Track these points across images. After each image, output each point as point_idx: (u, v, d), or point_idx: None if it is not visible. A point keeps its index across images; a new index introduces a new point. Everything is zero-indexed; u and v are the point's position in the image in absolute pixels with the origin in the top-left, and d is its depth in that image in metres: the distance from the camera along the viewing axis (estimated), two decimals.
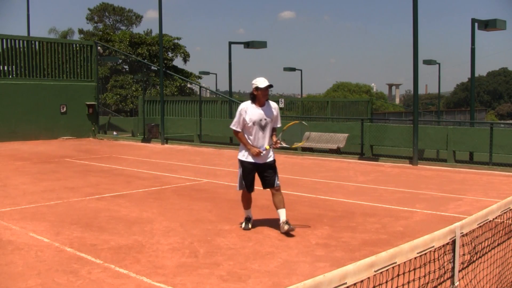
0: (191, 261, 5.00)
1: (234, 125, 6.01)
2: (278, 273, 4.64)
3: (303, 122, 6.46)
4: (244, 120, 5.92)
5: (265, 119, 5.93)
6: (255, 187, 6.18)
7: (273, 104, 6.08)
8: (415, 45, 12.97)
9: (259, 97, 5.91)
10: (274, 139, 5.97)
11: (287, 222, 6.01)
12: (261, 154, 5.86)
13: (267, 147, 5.85)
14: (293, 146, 6.23)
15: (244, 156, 6.00)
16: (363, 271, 2.07)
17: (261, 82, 5.90)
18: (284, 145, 5.98)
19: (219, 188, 9.43)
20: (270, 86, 5.92)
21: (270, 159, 6.04)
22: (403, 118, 37.58)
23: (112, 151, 16.76)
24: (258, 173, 6.05)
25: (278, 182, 6.04)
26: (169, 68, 37.19)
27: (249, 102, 6.00)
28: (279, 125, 6.12)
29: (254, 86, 5.92)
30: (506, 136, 12.70)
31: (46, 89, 21.52)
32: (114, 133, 24.30)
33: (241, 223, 6.28)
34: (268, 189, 6.11)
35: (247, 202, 6.21)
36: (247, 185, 6.04)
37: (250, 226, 6.19)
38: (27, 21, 31.66)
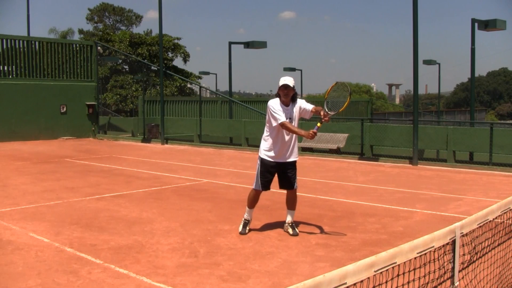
0: (191, 261, 5.00)
1: (279, 119, 5.62)
2: (278, 273, 4.64)
3: (338, 82, 5.83)
4: (280, 110, 5.66)
5: (289, 119, 5.74)
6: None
7: (298, 102, 5.84)
8: (415, 45, 12.98)
9: (281, 96, 5.75)
10: (322, 113, 5.57)
11: (293, 226, 6.00)
12: (315, 133, 5.48)
13: (319, 124, 5.52)
14: (341, 110, 5.70)
15: (266, 154, 5.81)
16: (363, 271, 2.07)
17: (281, 80, 5.74)
18: (332, 113, 5.61)
19: (219, 188, 9.43)
20: (286, 86, 5.68)
21: (293, 158, 5.88)
22: (403, 118, 37.60)
23: (112, 151, 16.76)
24: (279, 172, 5.88)
25: (296, 184, 5.97)
26: (169, 68, 37.19)
27: (277, 99, 5.79)
28: (310, 107, 5.78)
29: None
30: (506, 136, 12.70)
31: (46, 89, 21.52)
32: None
33: (239, 227, 6.08)
34: (283, 190, 6.02)
35: (254, 201, 5.99)
36: (263, 184, 5.84)
37: (247, 230, 5.99)
38: (27, 21, 31.62)
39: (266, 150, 5.84)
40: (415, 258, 2.42)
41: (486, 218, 3.10)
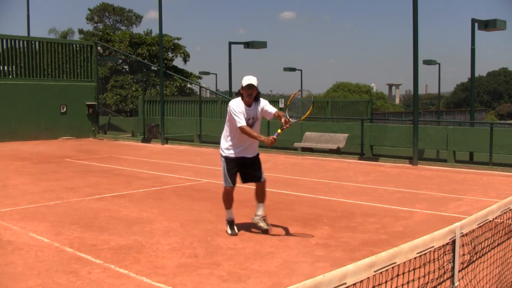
0: (191, 261, 5.00)
1: (239, 122, 5.59)
2: (278, 273, 4.64)
3: (303, 89, 6.04)
4: (240, 113, 5.63)
5: (252, 119, 5.73)
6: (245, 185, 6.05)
7: (261, 102, 5.78)
8: (415, 45, 12.98)
9: (244, 96, 5.70)
10: (283, 120, 5.54)
11: (264, 220, 5.98)
12: (275, 140, 5.50)
13: (279, 131, 5.51)
14: (303, 118, 5.80)
15: (228, 151, 5.81)
16: (363, 271, 2.07)
17: (245, 80, 5.67)
18: (293, 120, 5.59)
19: (219, 188, 9.38)
20: (250, 85, 5.63)
21: (254, 154, 5.90)
22: (403, 118, 37.53)
23: (112, 151, 16.76)
24: (242, 168, 5.86)
25: (264, 176, 5.96)
26: (169, 68, 37.18)
27: (239, 99, 5.75)
28: (273, 111, 5.73)
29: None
30: (506, 136, 12.70)
31: (46, 89, 21.51)
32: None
33: (226, 230, 5.98)
34: (252, 184, 5.98)
35: (229, 200, 5.95)
36: (233, 180, 5.82)
37: (236, 230, 5.92)
38: (27, 21, 31.62)
39: (226, 148, 5.84)
40: (415, 258, 2.42)
41: (486, 218, 3.10)
